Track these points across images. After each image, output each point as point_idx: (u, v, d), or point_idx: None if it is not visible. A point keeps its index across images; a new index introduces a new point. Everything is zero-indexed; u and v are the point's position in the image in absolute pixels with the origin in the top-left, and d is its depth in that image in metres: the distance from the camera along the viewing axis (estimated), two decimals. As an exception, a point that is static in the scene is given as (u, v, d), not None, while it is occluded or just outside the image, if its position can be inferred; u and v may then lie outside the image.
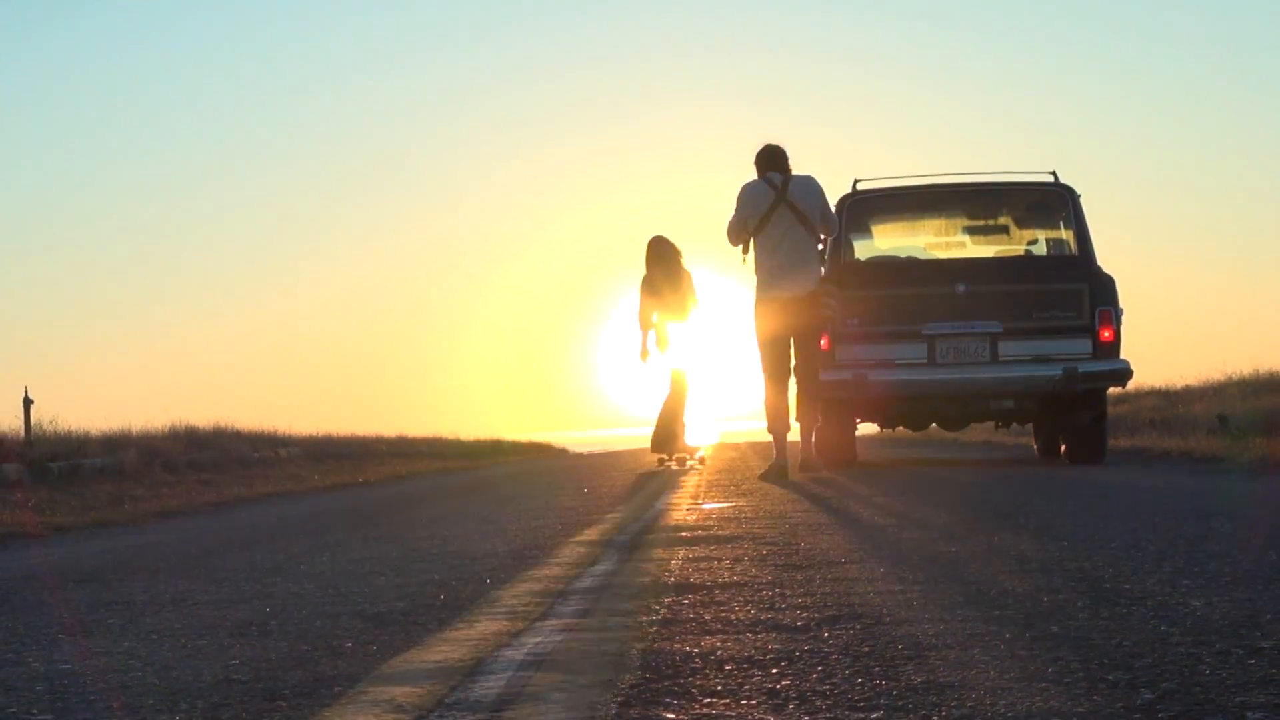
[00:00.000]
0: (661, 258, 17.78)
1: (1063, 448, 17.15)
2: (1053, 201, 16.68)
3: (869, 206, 16.88)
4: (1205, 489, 10.58)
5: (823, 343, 14.91)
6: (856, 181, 16.61)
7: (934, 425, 18.48)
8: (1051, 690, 3.45)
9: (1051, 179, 16.53)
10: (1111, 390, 16.68)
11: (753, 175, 14.47)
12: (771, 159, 14.40)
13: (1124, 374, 15.63)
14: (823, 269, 14.88)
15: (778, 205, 14.14)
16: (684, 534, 8.04)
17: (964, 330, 15.46)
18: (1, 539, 10.81)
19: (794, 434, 15.12)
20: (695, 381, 18.12)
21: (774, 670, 3.84)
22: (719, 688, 3.65)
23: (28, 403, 20.35)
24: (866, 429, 19.44)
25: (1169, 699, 3.32)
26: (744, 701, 3.48)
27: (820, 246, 14.98)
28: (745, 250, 14.40)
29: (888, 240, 18.13)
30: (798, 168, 14.44)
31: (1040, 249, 17.34)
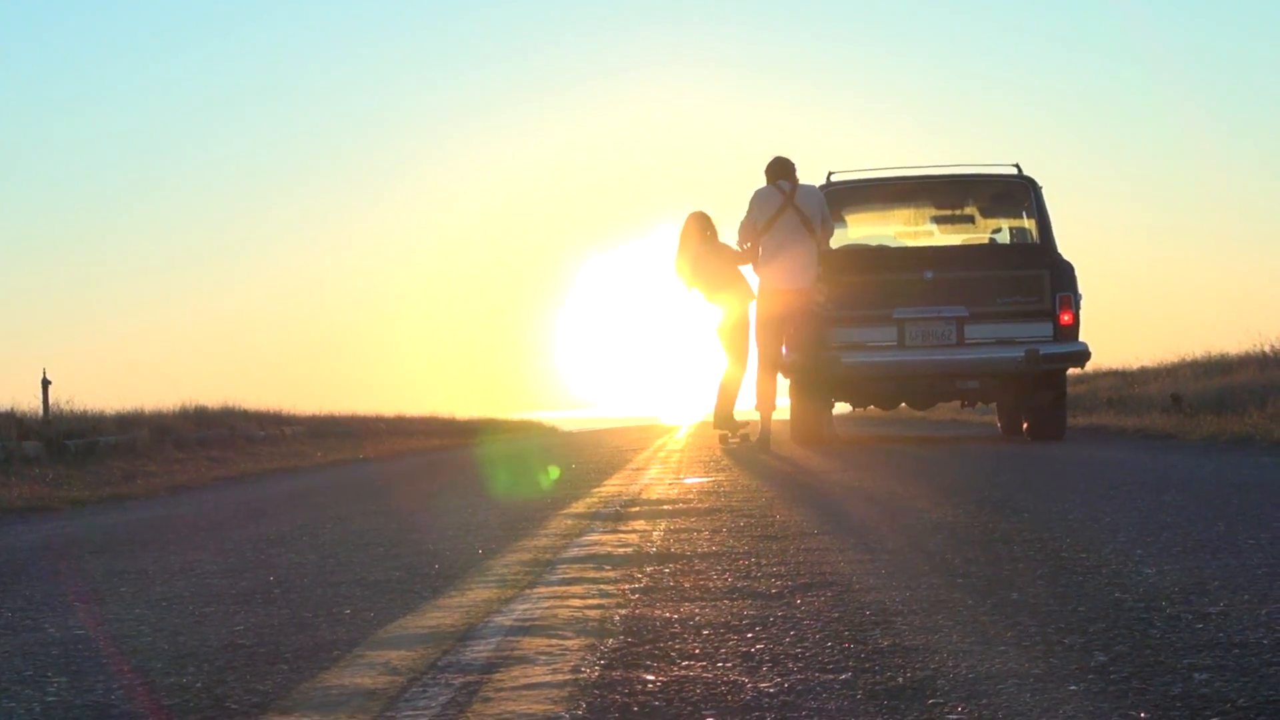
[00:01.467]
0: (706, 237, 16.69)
1: (1025, 425, 17.18)
2: (1016, 192, 16.73)
3: (842, 197, 16.93)
4: (1159, 464, 10.59)
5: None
6: (830, 174, 16.68)
7: (903, 404, 18.52)
8: (1010, 653, 3.46)
9: (1015, 171, 16.58)
10: (1071, 371, 16.72)
11: (762, 183, 15.15)
12: (781, 168, 15.18)
13: (1083, 356, 15.67)
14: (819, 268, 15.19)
15: (785, 208, 14.77)
16: (666, 507, 8.04)
17: (932, 314, 15.51)
18: (21, 512, 10.80)
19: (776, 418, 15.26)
20: (750, 365, 17.33)
21: (749, 635, 3.85)
22: (696, 651, 3.66)
23: (46, 384, 20.31)
24: (839, 408, 19.52)
25: (1121, 661, 3.33)
26: (720, 664, 3.49)
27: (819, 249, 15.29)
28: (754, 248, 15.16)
29: (860, 229, 18.18)
30: (769, 157, 15.14)
31: (1004, 237, 17.38)
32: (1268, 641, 3.48)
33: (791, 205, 14.92)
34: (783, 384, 16.43)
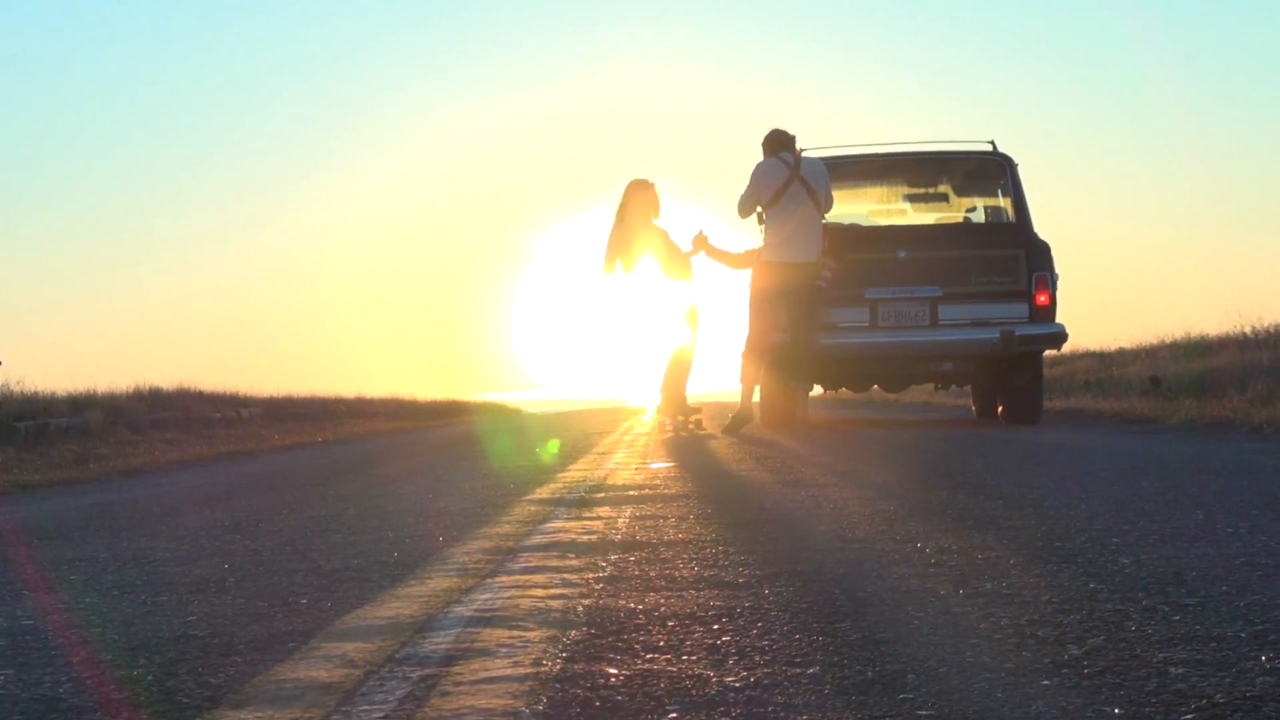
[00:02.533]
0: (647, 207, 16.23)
1: (1000, 409, 17.23)
2: (991, 170, 16.75)
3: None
4: (1137, 449, 10.62)
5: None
6: (801, 150, 16.65)
7: (875, 387, 18.55)
8: (982, 646, 3.46)
9: (990, 148, 16.60)
10: (1047, 353, 16.74)
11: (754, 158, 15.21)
12: (781, 141, 15.24)
13: (1059, 337, 15.70)
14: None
15: (791, 181, 14.79)
16: (632, 493, 8.04)
17: (905, 295, 15.53)
18: (-32, 497, 10.76)
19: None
20: (699, 350, 16.70)
21: (715, 626, 3.85)
22: (661, 643, 3.65)
23: (-5, 364, 20.24)
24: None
25: (1095, 654, 3.33)
26: (685, 657, 3.49)
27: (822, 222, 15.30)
28: (760, 221, 15.23)
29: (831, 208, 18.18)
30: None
31: (979, 216, 17.40)
32: (1246, 635, 3.49)
33: (798, 178, 14.96)
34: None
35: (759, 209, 15.38)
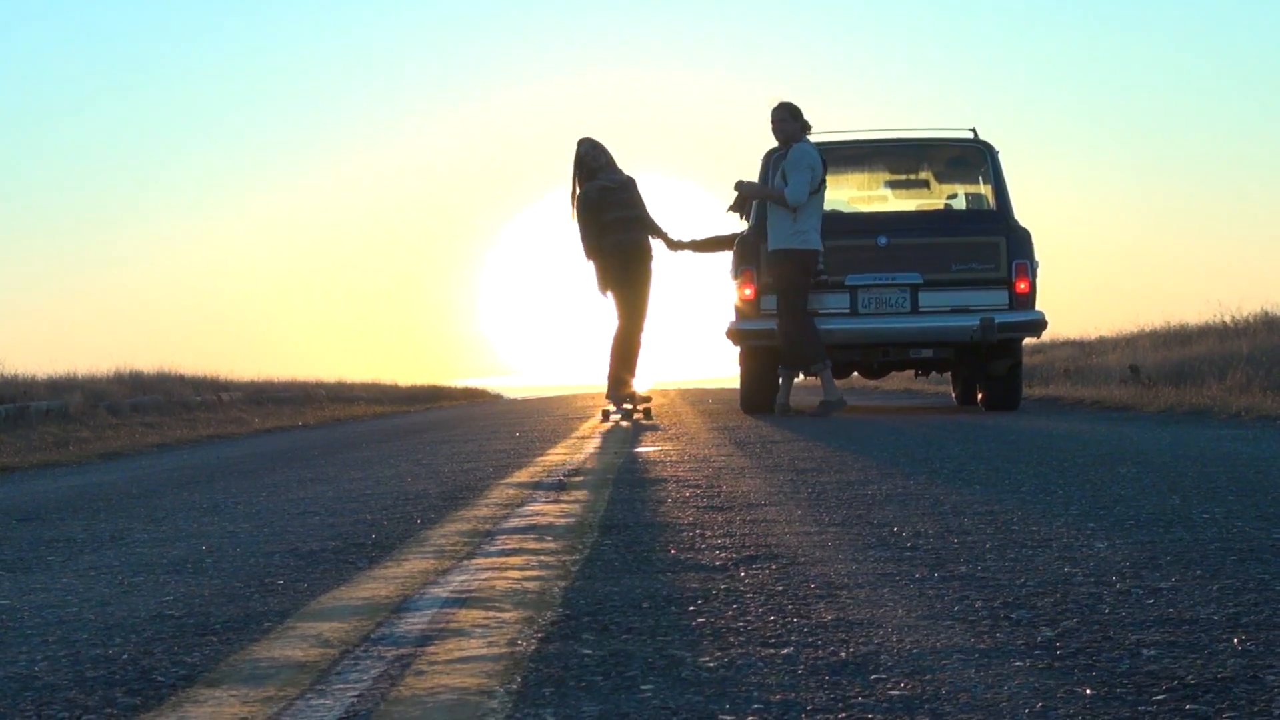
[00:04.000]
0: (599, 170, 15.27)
1: (979, 396, 17.24)
2: (972, 157, 16.74)
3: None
4: (1115, 436, 10.64)
5: (749, 293, 15.30)
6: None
7: (855, 374, 18.55)
8: (956, 628, 3.47)
9: (971, 135, 16.60)
10: (1027, 340, 16.75)
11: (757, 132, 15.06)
12: (805, 123, 14.95)
13: (1039, 325, 15.70)
14: None
15: (826, 169, 14.82)
16: (610, 476, 8.05)
17: (885, 281, 15.51)
18: (-54, 479, 10.74)
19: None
20: (650, 329, 15.72)
21: (690, 608, 3.86)
22: (636, 624, 3.66)
23: (-26, 346, 20.21)
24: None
25: (1068, 636, 3.35)
26: (660, 638, 3.49)
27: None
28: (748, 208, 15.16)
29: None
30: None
31: (959, 203, 17.39)
32: (1218, 618, 3.50)
33: (823, 164, 14.91)
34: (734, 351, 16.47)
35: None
